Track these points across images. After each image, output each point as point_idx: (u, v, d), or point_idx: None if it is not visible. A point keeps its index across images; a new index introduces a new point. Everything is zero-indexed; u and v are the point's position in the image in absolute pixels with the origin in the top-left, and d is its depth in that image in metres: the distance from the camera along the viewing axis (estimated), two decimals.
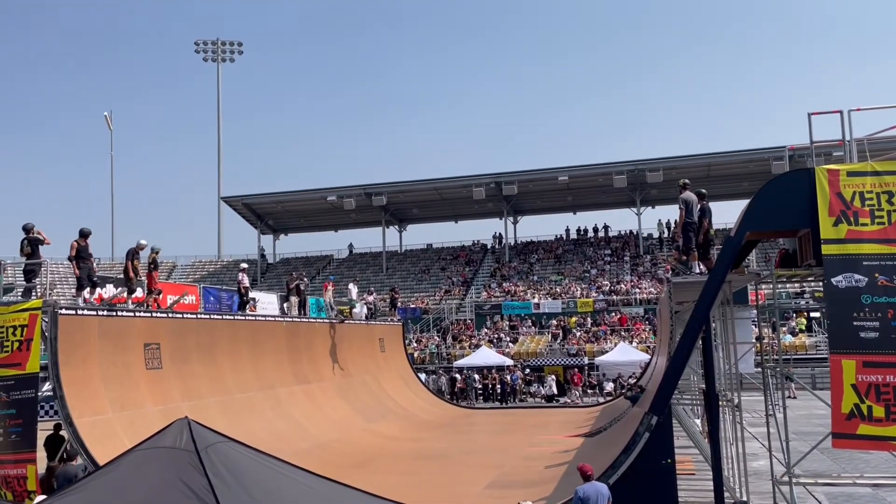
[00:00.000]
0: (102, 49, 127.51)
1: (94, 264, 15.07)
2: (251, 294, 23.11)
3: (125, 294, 15.94)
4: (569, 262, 51.24)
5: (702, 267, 12.61)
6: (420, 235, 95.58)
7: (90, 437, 12.58)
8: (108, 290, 18.00)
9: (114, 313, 14.74)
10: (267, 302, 28.29)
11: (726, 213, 75.15)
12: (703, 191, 13.44)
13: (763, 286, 13.64)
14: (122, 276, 16.22)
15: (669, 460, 10.88)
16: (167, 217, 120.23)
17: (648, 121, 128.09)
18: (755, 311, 16.12)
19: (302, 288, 24.56)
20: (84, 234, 14.39)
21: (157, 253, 16.47)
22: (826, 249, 10.13)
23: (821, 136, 10.88)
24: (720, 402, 12.59)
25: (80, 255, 14.31)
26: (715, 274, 11.11)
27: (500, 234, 56.52)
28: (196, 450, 4.32)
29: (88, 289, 14.63)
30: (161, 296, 16.70)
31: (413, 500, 9.12)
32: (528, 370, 36.38)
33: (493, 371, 35.71)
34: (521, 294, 46.76)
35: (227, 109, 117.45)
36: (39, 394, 14.21)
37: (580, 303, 43.85)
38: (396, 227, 58.85)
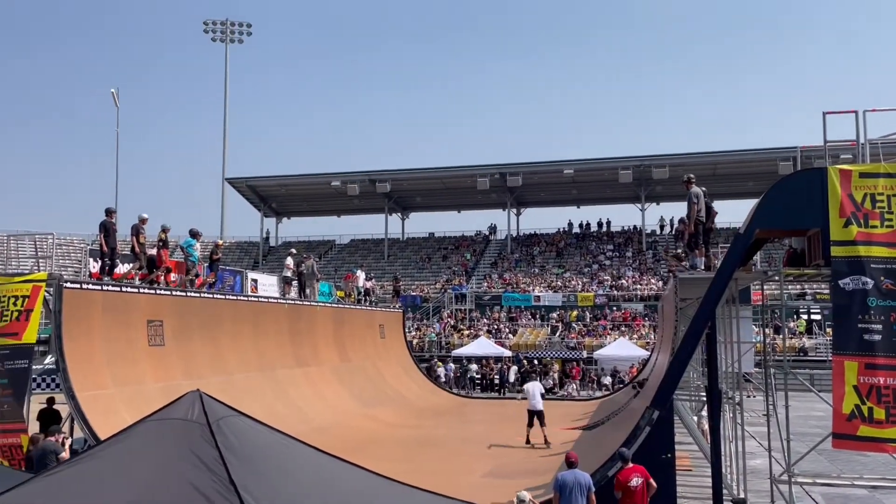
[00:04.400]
0: (112, 26, 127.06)
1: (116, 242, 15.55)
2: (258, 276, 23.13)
3: (143, 270, 16.08)
4: (571, 256, 51.25)
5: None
6: (422, 224, 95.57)
7: (91, 411, 12.62)
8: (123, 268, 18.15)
9: (118, 289, 14.76)
10: (268, 284, 28.32)
11: (730, 213, 75.28)
12: (704, 189, 13.47)
13: (765, 286, 13.60)
14: (129, 253, 16.35)
15: (669, 455, 10.91)
16: (171, 197, 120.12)
17: (655, 116, 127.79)
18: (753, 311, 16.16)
19: (305, 271, 24.54)
20: (110, 212, 15.02)
21: (166, 231, 16.51)
22: (835, 251, 10.11)
23: (827, 138, 10.82)
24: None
25: (108, 233, 14.87)
26: (723, 271, 11.09)
27: (494, 224, 56.84)
28: (208, 422, 4.33)
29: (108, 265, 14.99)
30: (169, 273, 16.74)
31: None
32: (535, 362, 36.22)
33: (491, 362, 35.80)
34: (523, 286, 46.79)
35: (235, 91, 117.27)
36: (41, 367, 14.18)
37: (580, 297, 43.87)
38: (399, 214, 58.80)
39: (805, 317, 39.30)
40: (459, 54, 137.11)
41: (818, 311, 38.62)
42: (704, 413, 15.89)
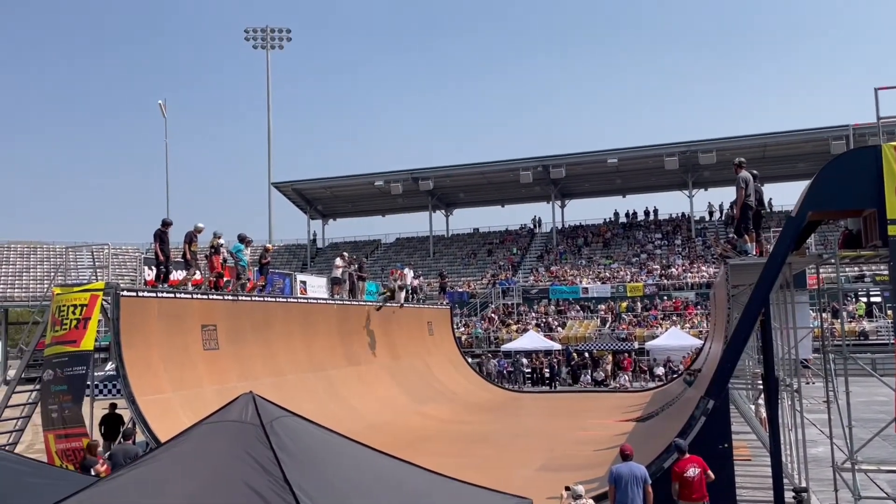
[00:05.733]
0: (157, 36, 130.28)
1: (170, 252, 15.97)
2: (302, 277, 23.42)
3: (195, 276, 16.49)
4: (618, 246, 50.62)
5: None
6: (466, 220, 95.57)
7: (151, 415, 12.98)
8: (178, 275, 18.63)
9: (172, 295, 15.15)
10: (317, 285, 28.69)
11: (782, 195, 73.38)
12: (755, 172, 13.11)
13: (822, 269, 13.20)
14: (181, 259, 16.77)
15: (726, 445, 10.71)
16: (219, 202, 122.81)
17: (700, 101, 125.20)
18: (810, 295, 15.71)
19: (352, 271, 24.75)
20: (166, 224, 15.47)
21: (218, 238, 16.87)
22: (892, 230, 9.76)
23: (881, 114, 10.43)
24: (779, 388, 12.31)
25: (164, 241, 15.33)
26: (775, 255, 10.82)
27: (539, 217, 56.58)
28: (261, 423, 4.43)
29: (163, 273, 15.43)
30: (222, 278, 17.12)
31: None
32: (585, 354, 35.93)
33: (541, 355, 35.61)
34: (570, 278, 46.40)
35: (277, 96, 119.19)
36: (102, 373, 14.59)
37: (629, 287, 43.30)
38: (443, 211, 58.89)
39: (864, 299, 38.03)
40: (495, 51, 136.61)
41: (878, 293, 37.34)
42: (762, 401, 15.55)
